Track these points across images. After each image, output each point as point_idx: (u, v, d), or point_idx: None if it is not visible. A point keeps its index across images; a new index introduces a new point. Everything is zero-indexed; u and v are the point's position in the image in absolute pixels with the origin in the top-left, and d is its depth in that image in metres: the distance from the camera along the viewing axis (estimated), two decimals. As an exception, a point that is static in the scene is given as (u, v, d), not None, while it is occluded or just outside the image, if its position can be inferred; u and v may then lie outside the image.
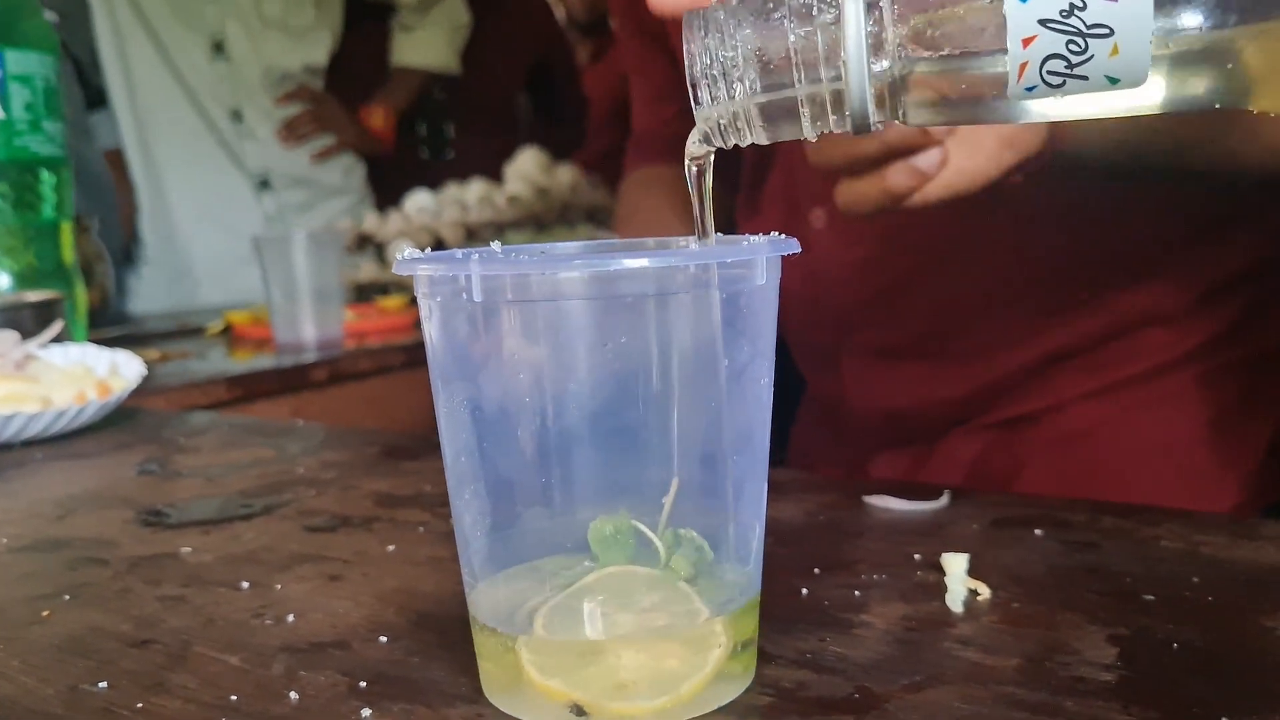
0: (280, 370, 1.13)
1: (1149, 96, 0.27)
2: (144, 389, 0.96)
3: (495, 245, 0.34)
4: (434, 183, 1.89)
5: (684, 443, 0.32)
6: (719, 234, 0.34)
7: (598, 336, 0.30)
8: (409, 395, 1.23)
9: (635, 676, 0.31)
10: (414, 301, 1.58)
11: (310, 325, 1.24)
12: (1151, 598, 0.40)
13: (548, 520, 0.33)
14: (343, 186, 2.16)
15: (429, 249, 0.41)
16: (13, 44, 1.06)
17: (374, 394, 1.20)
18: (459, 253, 0.33)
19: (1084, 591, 0.41)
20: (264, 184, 2.08)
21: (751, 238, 0.33)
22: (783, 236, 0.32)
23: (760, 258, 0.31)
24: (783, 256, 0.32)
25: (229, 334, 1.43)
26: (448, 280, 0.31)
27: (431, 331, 0.33)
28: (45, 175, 1.11)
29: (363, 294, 1.61)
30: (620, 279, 0.30)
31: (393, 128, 2.23)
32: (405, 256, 0.32)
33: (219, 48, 2.01)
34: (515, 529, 0.33)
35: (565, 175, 1.92)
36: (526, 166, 1.94)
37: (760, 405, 0.33)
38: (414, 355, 1.27)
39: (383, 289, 1.64)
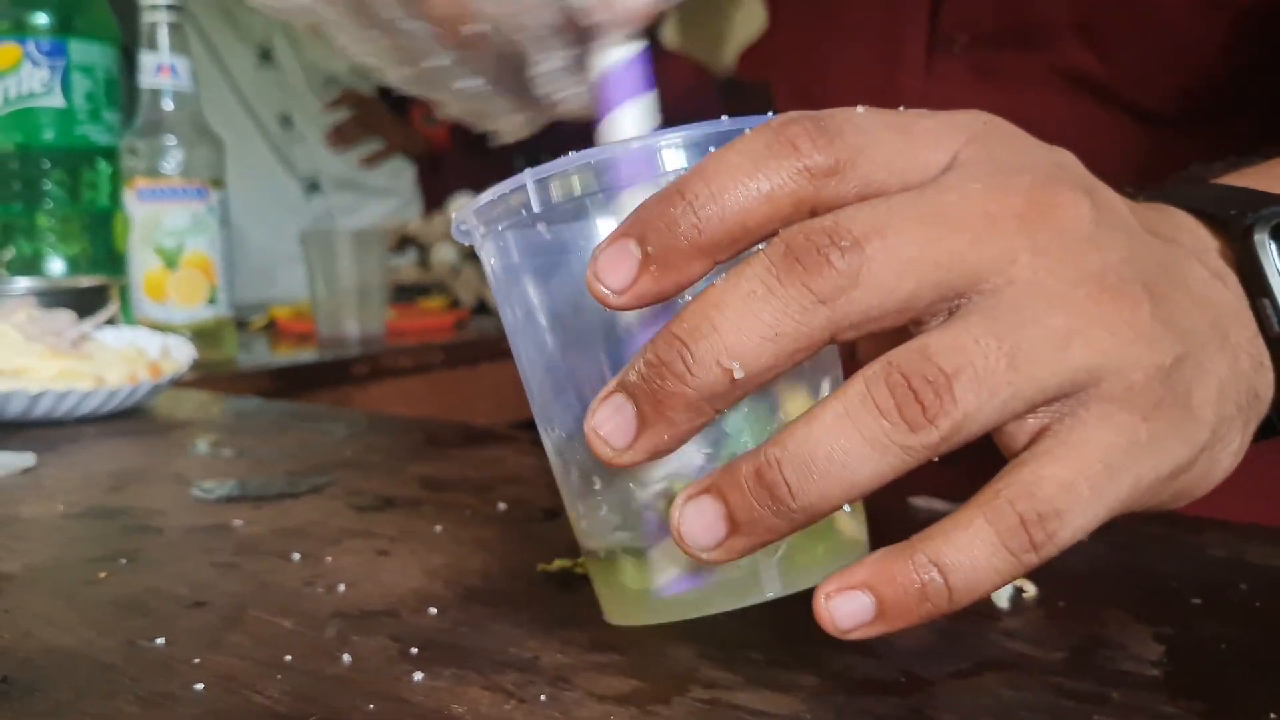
0: (322, 364, 1.14)
1: None
2: (188, 378, 0.97)
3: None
4: (487, 186, 1.91)
5: None
6: None
7: None
8: (448, 393, 1.24)
9: None
10: (455, 304, 1.60)
11: (353, 321, 1.26)
12: (1198, 600, 0.40)
13: None
14: (390, 188, 2.19)
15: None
16: (76, 33, 1.08)
17: (414, 391, 1.21)
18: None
19: (1129, 592, 0.41)
20: (313, 186, 2.11)
21: None
22: None
23: None
24: None
25: (272, 328, 1.44)
26: (503, 200, 0.32)
27: (492, 259, 0.34)
28: (102, 165, 1.13)
29: (404, 295, 1.63)
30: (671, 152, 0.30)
31: (447, 129, 2.24)
32: (458, 216, 0.33)
33: (267, 55, 2.05)
34: None
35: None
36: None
37: None
38: (454, 354, 1.28)
39: (424, 290, 1.65)
